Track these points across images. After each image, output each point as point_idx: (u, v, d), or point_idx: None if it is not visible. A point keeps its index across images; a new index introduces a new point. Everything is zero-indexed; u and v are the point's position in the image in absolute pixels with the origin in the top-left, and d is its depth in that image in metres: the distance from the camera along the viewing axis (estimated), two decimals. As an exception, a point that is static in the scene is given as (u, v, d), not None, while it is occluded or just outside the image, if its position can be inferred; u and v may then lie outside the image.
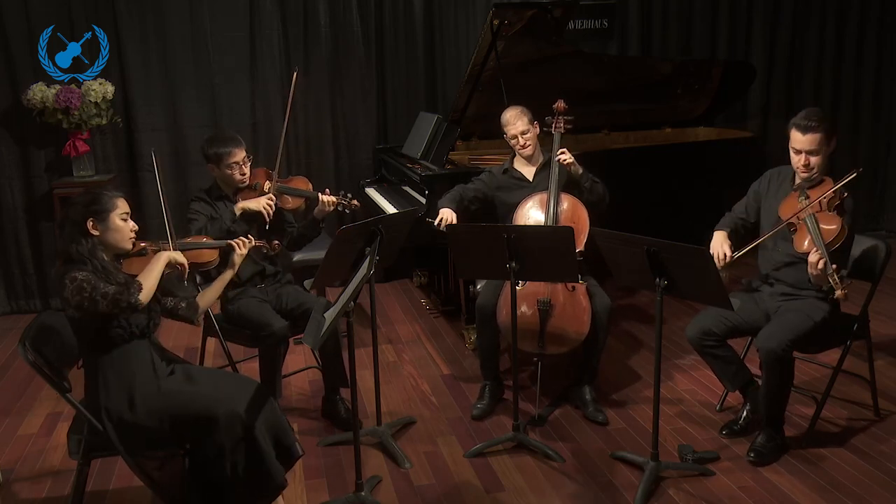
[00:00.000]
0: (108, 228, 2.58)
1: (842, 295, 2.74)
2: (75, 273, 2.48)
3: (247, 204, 3.40)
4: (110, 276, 2.54)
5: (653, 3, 5.84)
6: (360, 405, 3.35)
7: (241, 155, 3.43)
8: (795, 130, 3.04)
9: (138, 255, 2.70)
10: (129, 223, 2.64)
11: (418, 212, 4.06)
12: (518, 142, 3.70)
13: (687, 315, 4.57)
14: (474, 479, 3.07)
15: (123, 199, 2.65)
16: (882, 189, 6.52)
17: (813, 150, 3.01)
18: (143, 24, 4.99)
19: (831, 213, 2.93)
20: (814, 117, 3.00)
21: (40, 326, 2.70)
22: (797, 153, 3.06)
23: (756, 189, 3.33)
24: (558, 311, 3.43)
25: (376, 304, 3.33)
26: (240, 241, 3.00)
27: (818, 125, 2.98)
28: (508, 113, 3.72)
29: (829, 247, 2.82)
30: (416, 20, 5.45)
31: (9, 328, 4.87)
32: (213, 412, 2.52)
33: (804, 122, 3.01)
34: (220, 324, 3.44)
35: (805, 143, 3.01)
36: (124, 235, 2.62)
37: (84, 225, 2.55)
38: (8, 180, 5.01)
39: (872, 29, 6.18)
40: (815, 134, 2.98)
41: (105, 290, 2.47)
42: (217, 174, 3.47)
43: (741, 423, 3.32)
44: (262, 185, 3.51)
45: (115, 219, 2.59)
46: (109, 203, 2.59)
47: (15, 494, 3.07)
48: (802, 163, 3.04)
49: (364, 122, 5.49)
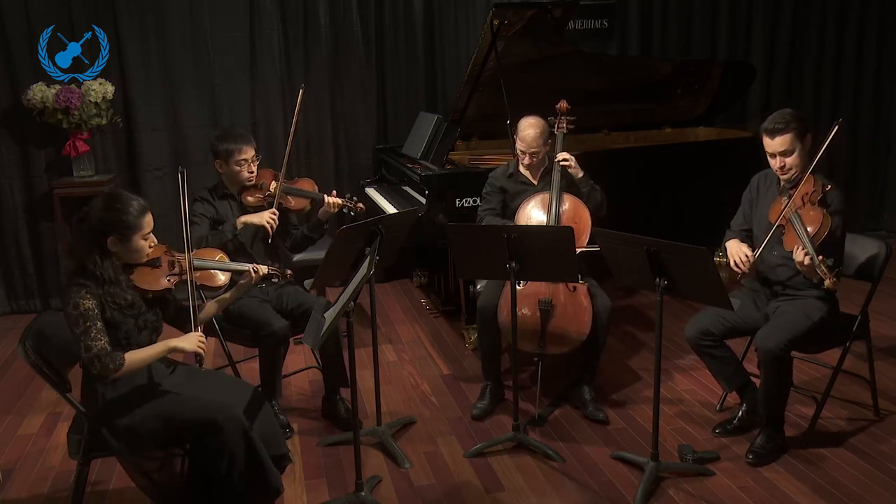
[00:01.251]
0: (128, 249, 2.52)
1: (830, 284, 2.75)
2: (80, 298, 2.42)
3: (249, 218, 3.39)
4: (118, 296, 2.50)
5: (653, 3, 5.85)
6: (360, 405, 3.35)
7: (250, 153, 3.43)
8: (765, 135, 3.05)
9: (150, 266, 2.62)
10: (150, 239, 2.56)
11: (418, 212, 4.07)
12: (525, 158, 3.68)
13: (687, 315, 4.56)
14: (474, 479, 3.07)
15: (149, 214, 2.55)
16: (882, 189, 6.53)
17: (785, 150, 3.01)
18: (143, 24, 4.99)
19: (813, 205, 2.93)
20: (780, 119, 3.01)
21: (40, 326, 2.69)
22: (772, 157, 3.07)
23: (747, 196, 3.34)
24: (559, 311, 3.43)
25: (376, 304, 3.33)
26: (258, 268, 2.87)
27: (785, 126, 2.99)
28: (528, 128, 3.61)
29: (815, 240, 2.83)
30: (416, 20, 5.45)
31: (9, 328, 4.87)
32: (212, 415, 2.52)
33: (771, 125, 3.02)
34: (219, 324, 3.44)
35: (776, 145, 3.02)
36: (142, 254, 2.56)
37: (103, 240, 2.48)
38: (8, 180, 5.02)
39: (872, 29, 6.19)
40: (783, 135, 2.99)
41: (90, 344, 2.39)
42: (224, 170, 3.46)
43: (735, 423, 3.32)
44: (267, 185, 3.50)
45: (138, 239, 2.52)
46: (137, 222, 2.49)
47: (15, 494, 3.07)
48: (778, 165, 3.06)
49: (364, 122, 5.49)
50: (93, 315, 2.42)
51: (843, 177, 6.40)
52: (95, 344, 2.40)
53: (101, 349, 2.41)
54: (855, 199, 6.47)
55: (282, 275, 3.03)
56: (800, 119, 3.03)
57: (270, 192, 3.49)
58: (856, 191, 6.46)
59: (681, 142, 5.46)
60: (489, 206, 3.77)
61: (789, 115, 3.03)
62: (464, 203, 4.21)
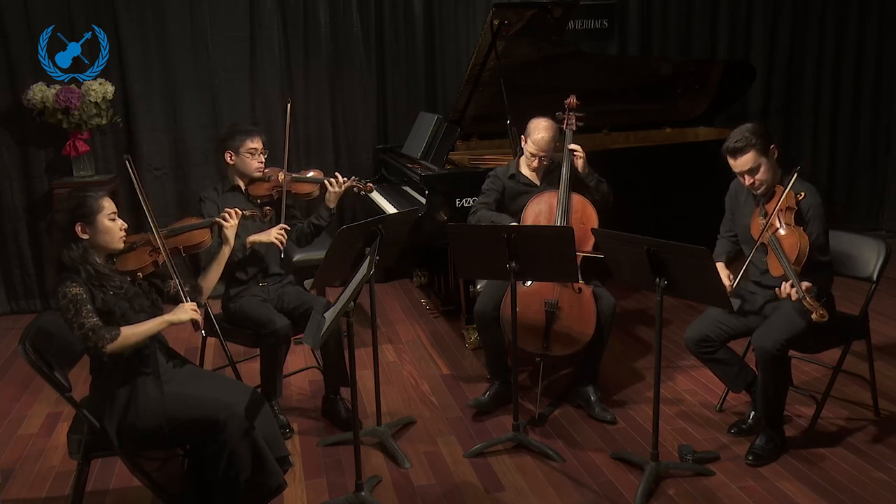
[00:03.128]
0: (97, 231, 2.56)
1: (818, 318, 2.70)
2: (67, 287, 2.47)
3: (258, 238, 3.38)
4: (105, 279, 2.53)
5: (653, 3, 5.85)
6: (360, 405, 3.34)
7: (260, 143, 3.47)
8: (728, 156, 3.03)
9: (130, 251, 2.67)
10: (118, 222, 2.61)
11: (418, 212, 4.07)
12: (534, 161, 3.67)
13: (687, 315, 4.58)
14: (474, 479, 3.07)
15: (109, 198, 2.62)
16: (882, 189, 6.52)
17: (751, 168, 2.99)
18: (143, 24, 4.99)
19: (790, 226, 2.91)
20: (738, 138, 2.97)
21: (40, 326, 2.69)
22: (741, 175, 3.05)
23: (728, 203, 3.33)
24: (565, 312, 3.43)
25: (376, 304, 3.33)
26: (227, 212, 2.98)
27: (745, 145, 2.96)
28: (542, 130, 3.59)
29: (797, 265, 2.81)
30: (416, 20, 5.46)
31: (9, 328, 4.87)
32: (215, 414, 2.52)
33: (731, 145, 2.99)
34: (220, 323, 3.44)
35: (741, 165, 3.00)
36: (114, 236, 2.59)
37: (72, 230, 2.53)
38: (8, 180, 5.02)
39: (872, 29, 6.19)
40: (744, 154, 2.97)
41: (82, 321, 2.44)
42: (235, 161, 3.46)
43: (750, 422, 3.31)
44: (275, 177, 3.52)
45: (104, 220, 2.57)
46: (95, 205, 2.56)
47: (15, 494, 3.07)
48: (748, 183, 3.04)
49: (364, 122, 5.50)
50: (82, 299, 2.46)
51: (843, 176, 6.42)
52: (87, 321, 2.45)
53: (95, 324, 2.45)
54: (855, 198, 6.49)
55: (262, 214, 3.19)
56: (759, 134, 2.98)
57: (278, 183, 3.50)
58: (856, 190, 6.47)
59: (681, 142, 5.46)
60: (485, 200, 3.75)
61: (748, 132, 2.98)
62: (464, 203, 4.21)
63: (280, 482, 2.62)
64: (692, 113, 5.61)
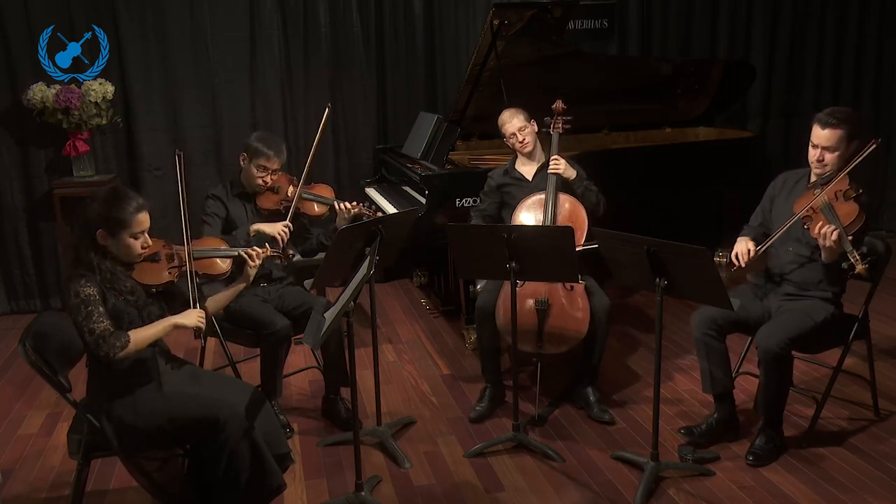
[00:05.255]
0: (116, 243, 2.52)
1: (862, 270, 2.74)
2: (81, 286, 2.43)
3: (262, 227, 3.39)
4: (119, 284, 2.52)
5: (653, 3, 5.85)
6: (360, 405, 3.34)
7: (275, 164, 3.46)
8: (816, 125, 3.04)
9: (150, 262, 2.62)
10: (141, 240, 2.54)
11: (418, 212, 4.07)
12: (517, 139, 3.70)
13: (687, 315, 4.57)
14: (474, 479, 3.07)
15: (146, 212, 2.54)
16: (882, 188, 6.52)
17: (830, 146, 3.00)
18: (143, 24, 4.99)
19: (847, 201, 2.92)
20: (837, 114, 3.00)
21: (40, 326, 2.69)
22: (814, 147, 3.05)
23: (770, 192, 3.32)
24: (556, 310, 3.43)
25: (376, 304, 3.33)
26: (253, 251, 2.87)
27: (839, 123, 2.98)
28: (503, 115, 3.76)
29: (848, 230, 2.82)
30: (416, 20, 5.45)
31: (9, 328, 4.87)
32: (215, 414, 2.52)
33: (826, 117, 3.01)
34: (219, 323, 3.44)
35: (822, 138, 3.01)
36: (132, 253, 2.54)
37: (93, 231, 2.50)
38: (8, 180, 5.02)
39: (872, 29, 6.18)
40: (834, 130, 2.98)
41: (93, 326, 2.41)
42: (245, 167, 3.48)
43: (703, 429, 3.24)
44: (284, 190, 3.51)
45: (126, 237, 2.51)
46: (129, 220, 2.49)
47: (15, 494, 3.07)
48: (816, 157, 3.04)
49: (364, 122, 5.50)
50: (94, 300, 2.44)
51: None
52: (98, 326, 2.42)
53: (105, 329, 2.43)
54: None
55: (283, 257, 3.09)
56: (855, 122, 3.01)
57: (287, 197, 3.50)
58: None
59: (681, 142, 5.46)
60: (480, 206, 3.83)
61: (849, 114, 3.02)
62: (464, 203, 4.21)
63: (280, 482, 2.62)
64: (692, 113, 5.61)
